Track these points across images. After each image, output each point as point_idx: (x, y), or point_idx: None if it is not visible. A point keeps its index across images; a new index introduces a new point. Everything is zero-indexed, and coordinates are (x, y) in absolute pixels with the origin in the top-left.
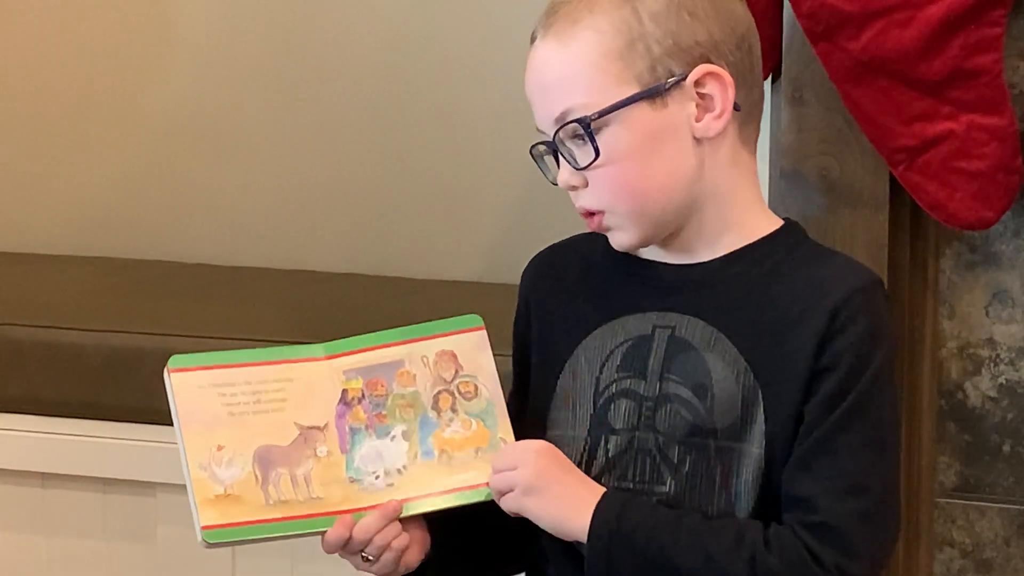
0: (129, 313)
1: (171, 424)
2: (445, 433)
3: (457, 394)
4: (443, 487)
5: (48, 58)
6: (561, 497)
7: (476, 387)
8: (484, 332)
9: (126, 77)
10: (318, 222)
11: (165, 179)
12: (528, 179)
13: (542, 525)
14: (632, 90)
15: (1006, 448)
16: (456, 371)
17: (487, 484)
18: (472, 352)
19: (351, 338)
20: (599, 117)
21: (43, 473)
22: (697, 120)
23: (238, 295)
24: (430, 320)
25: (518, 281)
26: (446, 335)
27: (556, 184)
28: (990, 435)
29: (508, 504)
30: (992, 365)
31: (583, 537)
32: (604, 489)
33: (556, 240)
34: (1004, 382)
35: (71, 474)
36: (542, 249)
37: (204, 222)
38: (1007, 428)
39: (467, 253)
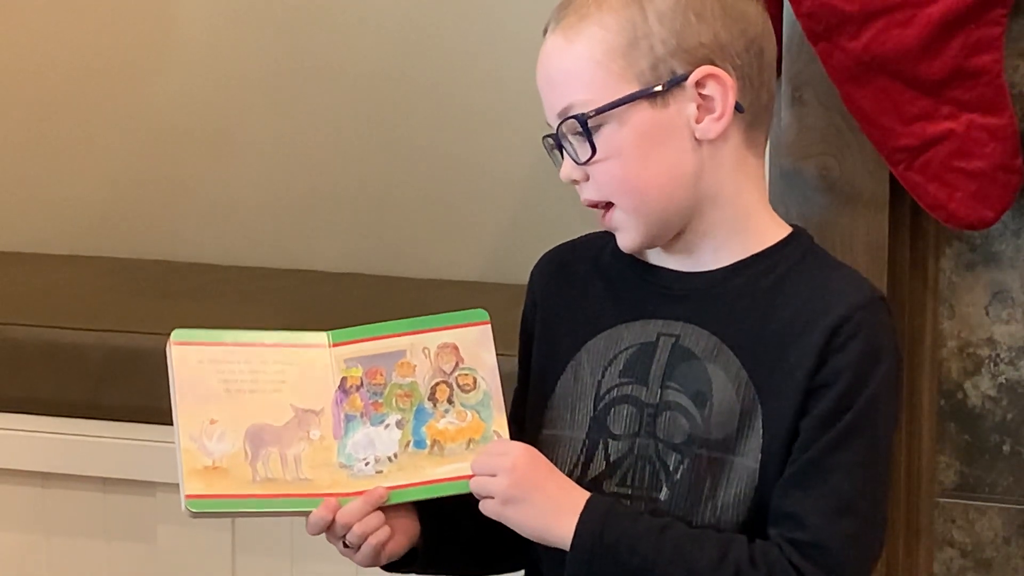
0: (129, 313)
1: (172, 424)
2: (439, 424)
3: (455, 386)
4: (431, 477)
5: (48, 58)
6: (541, 506)
7: (475, 380)
8: (488, 327)
9: (126, 77)
10: (318, 222)
11: (165, 179)
12: (528, 179)
13: (524, 534)
14: (633, 88)
15: (1006, 448)
16: (456, 363)
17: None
18: (474, 346)
19: (356, 327)
20: (597, 114)
21: (43, 473)
22: (697, 121)
23: (238, 295)
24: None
25: (518, 281)
26: (450, 328)
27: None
28: (990, 435)
29: (488, 511)
30: (992, 365)
31: (563, 545)
32: (588, 494)
33: (556, 240)
34: (1004, 382)
35: (71, 474)
36: (553, 247)
37: (204, 222)
38: (1007, 428)
39: (467, 253)
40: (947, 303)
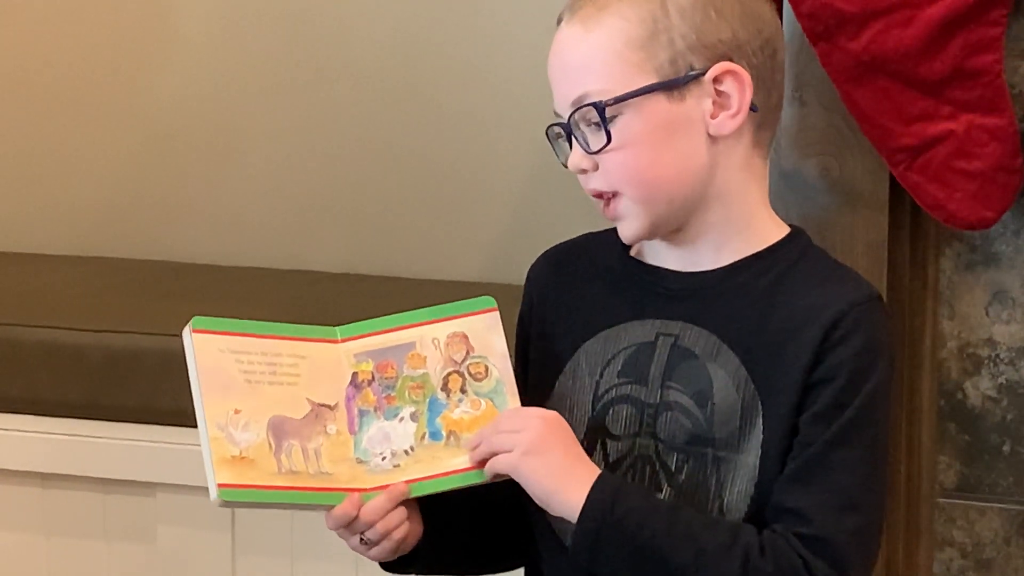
0: (129, 313)
1: (171, 424)
2: (454, 414)
3: (467, 375)
4: (449, 468)
5: (48, 58)
6: (558, 467)
7: (487, 368)
8: (497, 314)
9: (126, 77)
10: (318, 222)
11: (165, 179)
12: (528, 178)
13: (533, 491)
14: (650, 80)
15: (1006, 448)
16: (467, 352)
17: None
18: (484, 333)
19: (365, 321)
20: (615, 103)
21: (43, 473)
22: (712, 117)
23: (238, 295)
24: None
25: (518, 281)
26: (458, 317)
27: (567, 166)
28: (990, 435)
29: (503, 464)
30: (992, 365)
31: (570, 513)
32: (599, 470)
33: (555, 240)
34: (1004, 382)
35: (71, 474)
36: (551, 247)
37: (204, 222)
38: (1007, 428)
39: (467, 253)
40: (947, 303)
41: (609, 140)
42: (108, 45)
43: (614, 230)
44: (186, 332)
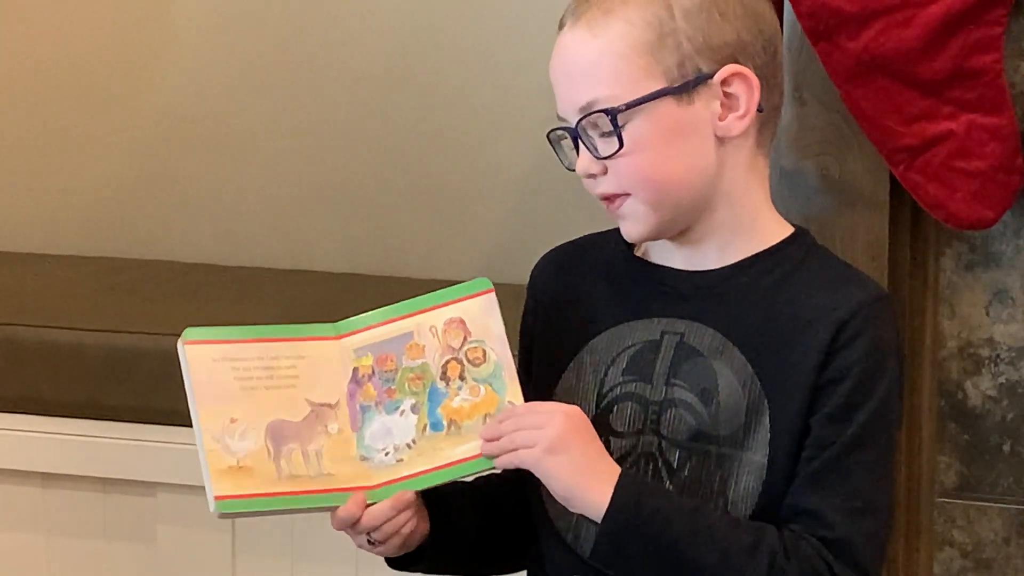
0: (129, 313)
1: (171, 424)
2: (454, 403)
3: (465, 361)
4: (451, 459)
5: (48, 58)
6: (581, 464)
7: (484, 352)
8: (493, 295)
9: (126, 77)
10: (318, 222)
11: (165, 179)
12: (529, 179)
13: (554, 489)
14: (659, 84)
15: (1006, 448)
16: (464, 338)
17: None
18: (481, 316)
19: (361, 315)
20: (627, 109)
21: (43, 473)
22: (720, 119)
23: (238, 295)
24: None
25: (519, 281)
26: (454, 302)
27: (571, 170)
28: (990, 435)
29: (525, 459)
30: (992, 365)
31: (594, 512)
32: (620, 468)
33: (557, 240)
34: (1004, 382)
35: (71, 474)
36: (553, 247)
37: (204, 222)
38: (1007, 428)
39: (467, 253)
40: (947, 303)
41: (621, 146)
42: (108, 44)
43: (616, 230)
44: (179, 344)
